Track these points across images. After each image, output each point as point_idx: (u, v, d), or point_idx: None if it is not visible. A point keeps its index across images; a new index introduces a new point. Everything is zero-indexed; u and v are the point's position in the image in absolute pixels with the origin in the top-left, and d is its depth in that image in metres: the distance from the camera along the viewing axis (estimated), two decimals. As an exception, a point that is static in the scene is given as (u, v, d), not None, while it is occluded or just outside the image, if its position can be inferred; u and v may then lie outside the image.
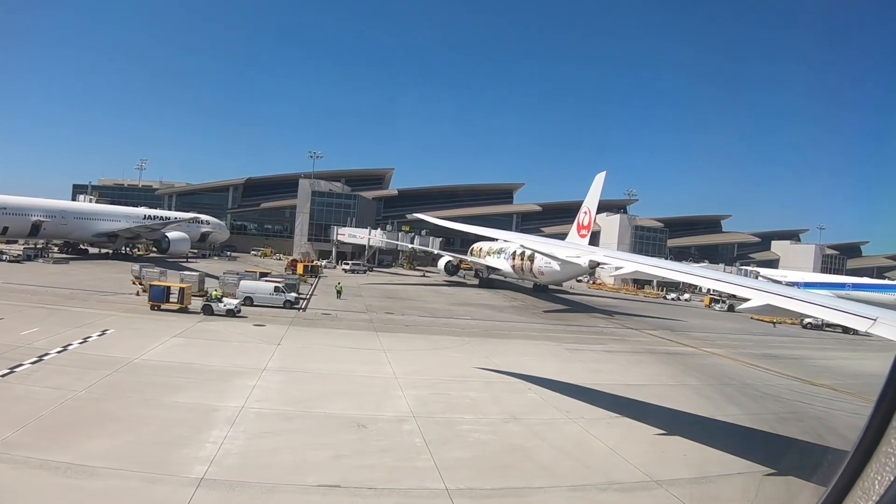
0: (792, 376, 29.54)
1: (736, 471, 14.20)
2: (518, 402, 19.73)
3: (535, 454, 14.82)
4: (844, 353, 44.07)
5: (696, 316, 61.61)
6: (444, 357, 26.97)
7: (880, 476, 2.32)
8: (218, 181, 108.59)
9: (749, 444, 16.67)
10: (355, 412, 16.98)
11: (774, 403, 22.67)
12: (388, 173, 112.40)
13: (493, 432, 16.34)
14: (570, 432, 16.85)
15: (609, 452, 15.16)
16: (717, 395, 22.96)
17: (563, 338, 35.67)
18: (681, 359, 31.78)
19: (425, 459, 13.62)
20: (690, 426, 18.19)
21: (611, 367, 27.43)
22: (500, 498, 12.20)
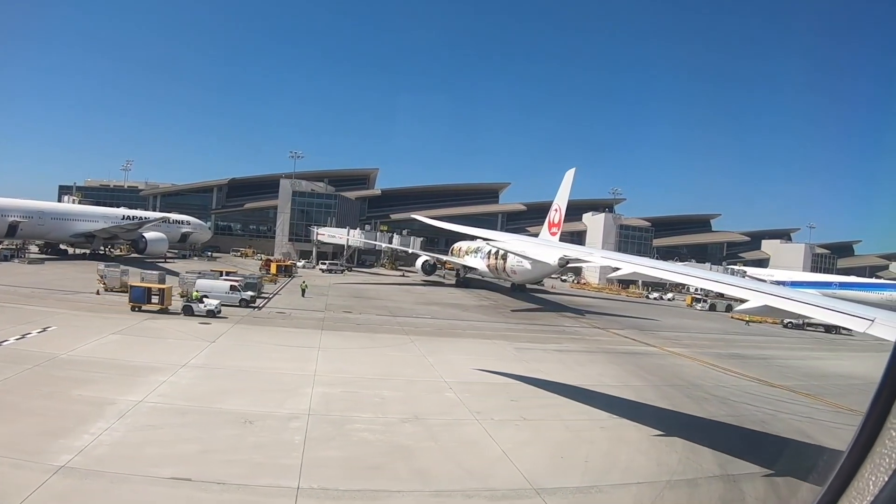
0: (751, 377, 28.24)
1: (638, 480, 13.18)
2: (430, 402, 18.85)
3: (417, 456, 13.97)
4: (819, 353, 43.06)
5: (674, 315, 60.54)
6: (377, 356, 26.05)
7: (875, 476, 2.32)
8: (202, 182, 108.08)
9: (668, 450, 15.51)
10: (252, 408, 16.58)
11: (718, 406, 21.36)
12: (372, 173, 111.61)
13: (385, 432, 15.55)
14: (470, 434, 15.89)
15: (500, 457, 14.12)
16: (658, 397, 21.84)
17: (518, 337, 34.62)
18: (636, 359, 30.69)
19: (294, 457, 13.12)
20: (611, 429, 17.16)
21: (554, 367, 26.25)
22: (349, 500, 11.47)
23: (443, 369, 23.73)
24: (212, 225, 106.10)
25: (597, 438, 16.27)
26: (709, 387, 24.81)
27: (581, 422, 17.83)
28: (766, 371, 30.58)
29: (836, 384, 28.95)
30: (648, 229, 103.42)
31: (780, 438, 17.29)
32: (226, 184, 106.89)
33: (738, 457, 15.07)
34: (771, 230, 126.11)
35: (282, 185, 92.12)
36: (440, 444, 15.01)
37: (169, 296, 33.59)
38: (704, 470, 14.06)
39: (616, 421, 18.03)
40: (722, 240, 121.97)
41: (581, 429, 17.07)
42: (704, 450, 15.48)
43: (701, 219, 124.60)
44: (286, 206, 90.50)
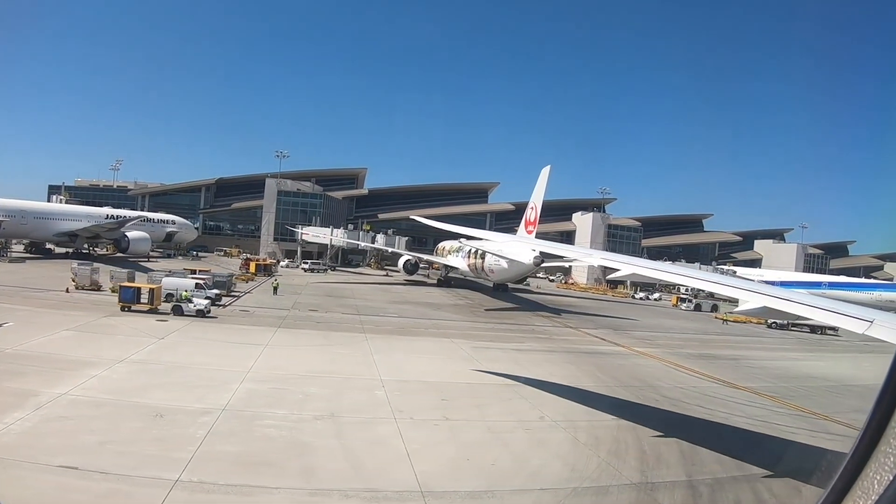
0: (715, 378, 27.18)
1: (542, 486, 12.45)
2: (354, 400, 18.20)
3: (313, 454, 13.47)
4: (797, 354, 42.09)
5: (657, 315, 59.78)
6: (323, 353, 25.41)
7: (879, 475, 2.33)
8: (190, 181, 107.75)
9: (590, 455, 14.66)
10: (169, 403, 16.35)
11: (668, 408, 20.45)
12: (361, 173, 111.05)
13: (292, 429, 15.03)
14: (381, 433, 15.25)
15: (402, 457, 13.42)
16: (605, 398, 21.06)
17: (480, 336, 33.85)
18: (597, 359, 29.86)
19: (188, 451, 12.82)
20: (537, 432, 16.38)
21: (507, 366, 25.45)
22: (222, 494, 11.10)
23: (384, 368, 23.00)
24: (200, 224, 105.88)
25: (517, 441, 15.51)
26: (665, 388, 23.92)
27: (507, 423, 17.04)
28: (733, 372, 29.65)
29: (806, 386, 28.09)
30: (637, 229, 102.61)
31: (725, 443, 16.48)
32: (213, 183, 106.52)
33: (665, 463, 14.31)
34: (764, 230, 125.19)
35: (267, 184, 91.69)
36: (344, 442, 14.48)
37: (158, 296, 33.29)
38: (623, 477, 13.26)
39: (546, 423, 17.20)
40: (714, 240, 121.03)
41: (504, 430, 16.29)
42: (631, 456, 14.70)
43: (693, 219, 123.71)
44: (271, 206, 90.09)
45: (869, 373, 36.02)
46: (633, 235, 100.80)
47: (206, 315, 32.34)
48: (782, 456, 15.59)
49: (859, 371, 36.11)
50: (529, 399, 19.85)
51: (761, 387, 26.18)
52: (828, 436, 18.26)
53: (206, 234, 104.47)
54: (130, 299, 32.58)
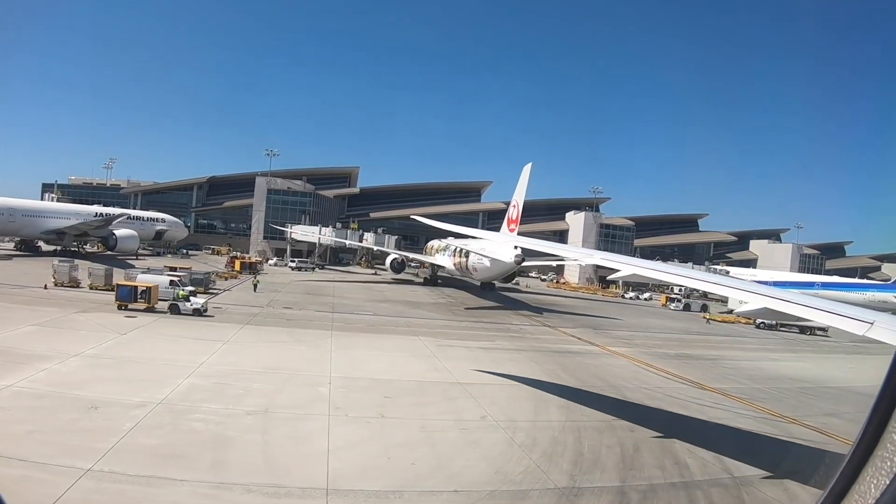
0: (685, 379, 26.40)
1: (457, 488, 11.90)
2: (295, 396, 17.88)
3: (232, 448, 13.29)
4: (780, 354, 40.97)
5: (643, 315, 59.19)
6: (282, 350, 25.05)
7: (876, 479, 2.31)
8: (182, 180, 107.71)
9: (521, 457, 14.05)
10: (109, 396, 16.30)
11: (622, 409, 19.66)
12: (353, 171, 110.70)
13: (220, 423, 14.84)
14: (309, 429, 14.99)
15: (320, 454, 13.11)
16: (558, 399, 20.33)
17: (450, 334, 33.31)
18: (566, 358, 29.12)
19: (109, 442, 12.80)
20: (473, 431, 15.86)
21: (464, 364, 24.92)
22: (128, 485, 11.17)
23: (338, 365, 22.63)
24: (192, 223, 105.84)
25: (448, 441, 14.98)
26: (628, 389, 23.27)
27: (445, 422, 16.55)
28: (706, 372, 28.90)
29: (780, 387, 27.21)
30: (630, 228, 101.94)
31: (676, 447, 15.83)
32: (205, 182, 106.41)
33: (601, 468, 13.73)
34: (760, 230, 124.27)
35: (257, 183, 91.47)
36: (267, 437, 14.21)
37: (155, 295, 33.14)
38: (549, 481, 12.64)
39: (486, 423, 16.62)
40: (709, 240, 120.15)
41: (439, 430, 15.79)
42: (566, 459, 14.09)
43: (688, 218, 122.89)
44: (261, 205, 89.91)
45: (851, 374, 35.27)
46: (625, 235, 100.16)
47: (202, 314, 32.11)
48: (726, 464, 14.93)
49: (841, 373, 35.54)
50: (478, 398, 19.27)
51: (732, 388, 25.42)
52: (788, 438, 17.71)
53: (199, 232, 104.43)
54: (127, 298, 32.41)
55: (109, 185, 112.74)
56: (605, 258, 24.01)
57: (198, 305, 32.41)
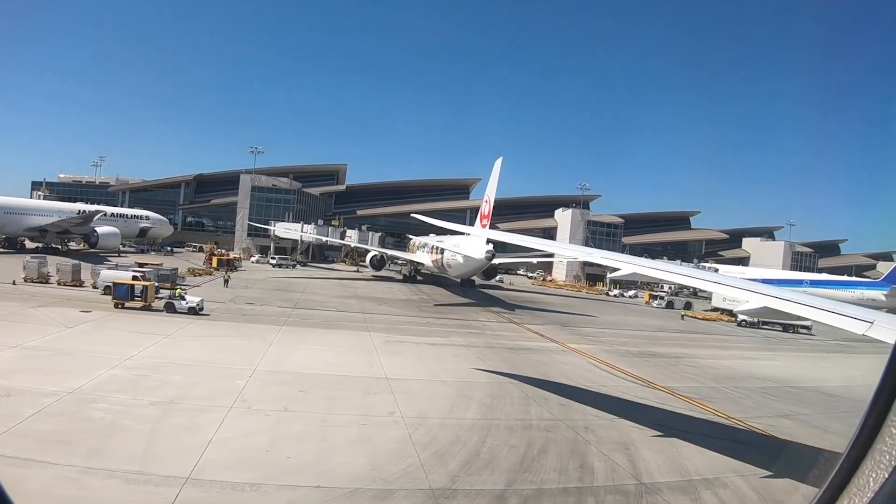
0: (637, 377, 25.38)
1: (319, 484, 11.38)
2: (207, 389, 17.63)
3: (119, 435, 13.35)
4: (754, 353, 39.41)
5: (622, 312, 58.28)
6: (221, 344, 24.95)
7: (875, 473, 2.35)
8: (170, 177, 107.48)
9: (408, 455, 13.44)
10: (27, 385, 16.37)
11: (554, 408, 18.80)
12: (341, 169, 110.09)
13: (119, 413, 14.85)
14: (203, 420, 14.73)
15: (202, 444, 12.86)
16: (482, 396, 19.52)
17: (405, 330, 32.72)
18: (516, 355, 28.16)
19: (3, 427, 12.93)
20: (374, 427, 15.30)
21: (403, 360, 24.38)
22: (2, 466, 11.11)
23: (269, 359, 22.45)
24: (179, 220, 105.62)
25: (340, 436, 14.51)
26: (564, 387, 22.28)
27: (348, 417, 16.02)
28: (663, 371, 27.89)
29: (740, 387, 26.02)
30: (618, 225, 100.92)
31: (590, 450, 14.98)
32: (192, 179, 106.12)
33: (494, 469, 13.02)
34: (753, 228, 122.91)
35: (242, 180, 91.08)
36: (157, 427, 14.17)
37: (151, 293, 32.95)
38: (426, 482, 11.93)
39: (391, 419, 15.97)
40: (700, 237, 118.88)
41: (338, 424, 15.34)
42: (456, 460, 13.35)
43: (680, 216, 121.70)
44: (245, 202, 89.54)
45: (824, 374, 34.31)
46: (613, 232, 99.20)
47: (198, 312, 31.77)
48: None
49: (814, 372, 34.46)
50: (397, 394, 18.61)
51: (685, 387, 24.42)
52: (717, 440, 16.56)
53: (186, 230, 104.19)
54: (124, 296, 32.21)
55: (98, 183, 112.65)
56: (606, 257, 23.60)
57: (193, 304, 32.13)
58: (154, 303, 32.75)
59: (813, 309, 12.85)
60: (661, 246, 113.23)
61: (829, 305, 12.90)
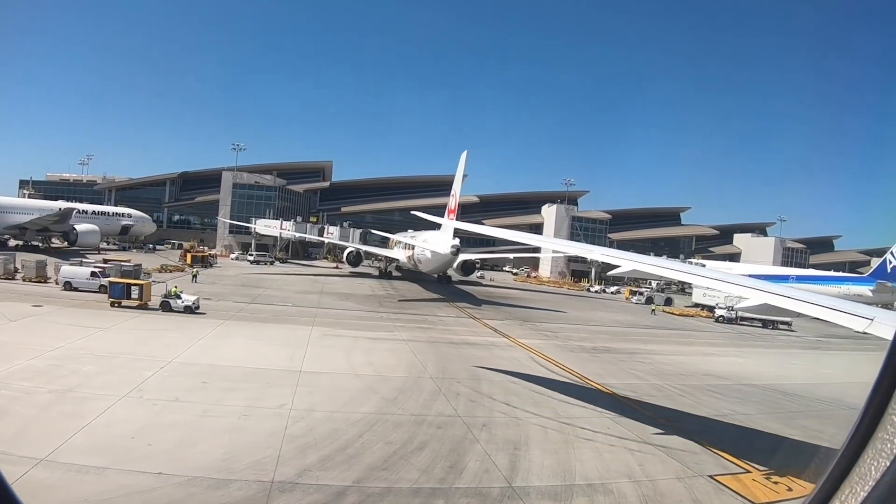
0: (577, 374, 24.55)
1: (161, 471, 11.12)
2: (113, 379, 17.69)
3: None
4: (719, 349, 38.09)
5: (594, 308, 57.55)
6: (149, 336, 24.93)
7: (876, 461, 2.37)
8: (155, 175, 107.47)
9: (258, 447, 13.08)
10: None
11: (462, 404, 18.10)
12: (326, 166, 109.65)
13: (13, 398, 15.18)
14: (89, 409, 14.64)
15: (70, 431, 12.96)
16: (389, 390, 18.91)
17: (350, 325, 32.29)
18: (455, 349, 27.60)
19: None
20: (253, 418, 15.04)
21: (329, 354, 24.01)
22: None
23: (191, 352, 22.35)
24: (164, 218, 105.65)
25: (214, 426, 14.22)
26: (494, 382, 21.59)
27: (234, 408, 15.88)
28: (608, 367, 26.98)
29: (685, 384, 24.96)
30: (604, 221, 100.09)
31: (475, 449, 14.25)
32: (178, 177, 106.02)
33: (357, 464, 12.51)
34: (744, 224, 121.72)
35: (224, 177, 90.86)
36: (43, 412, 14.42)
37: (148, 292, 32.95)
38: (272, 473, 11.55)
39: (279, 412, 15.64)
40: (690, 233, 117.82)
41: (218, 415, 15.28)
42: (318, 454, 12.90)
43: (670, 212, 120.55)
44: (227, 199, 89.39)
45: (788, 371, 32.92)
46: (599, 228, 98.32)
47: (194, 311, 31.69)
48: None
49: (777, 369, 33.32)
50: (300, 387, 18.22)
51: (623, 384, 23.59)
52: (625, 441, 15.60)
53: (172, 227, 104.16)
54: (120, 296, 32.28)
55: (86, 182, 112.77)
56: (606, 254, 23.06)
57: (189, 303, 32.08)
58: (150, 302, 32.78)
59: (813, 306, 12.86)
60: (649, 242, 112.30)
61: (829, 302, 12.92)
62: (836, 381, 29.36)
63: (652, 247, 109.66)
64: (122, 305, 31.80)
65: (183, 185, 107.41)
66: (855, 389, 26.54)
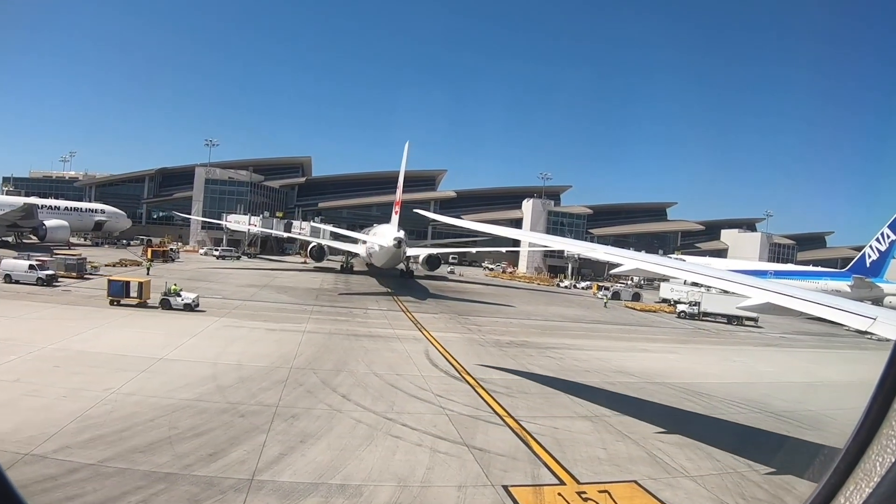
0: (461, 367, 23.47)
1: None
2: None
3: None
4: (654, 345, 36.03)
5: (550, 303, 55.88)
6: (49, 325, 24.88)
7: (882, 458, 2.37)
8: (134, 172, 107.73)
9: (60, 425, 13.10)
10: None
11: (272, 394, 17.01)
12: (306, 161, 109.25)
13: None
14: None
15: None
16: (234, 379, 18.39)
17: (265, 316, 32.02)
18: (352, 341, 26.79)
19: None
20: (67, 400, 14.88)
21: (207, 343, 23.90)
22: None
23: (70, 339, 22.30)
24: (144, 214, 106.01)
25: (27, 405, 14.48)
26: (361, 375, 20.72)
27: (63, 390, 15.89)
28: (506, 362, 25.56)
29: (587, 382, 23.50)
30: (581, 216, 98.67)
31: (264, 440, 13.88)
32: (156, 173, 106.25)
33: (140, 447, 12.16)
34: (733, 219, 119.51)
35: (196, 173, 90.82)
36: None
37: (147, 290, 32.91)
38: (39, 448, 11.34)
39: (101, 395, 15.58)
40: (675, 229, 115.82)
41: (41, 395, 15.30)
42: (81, 436, 12.58)
43: (656, 207, 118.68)
44: (200, 195, 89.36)
45: (717, 369, 30.38)
46: (576, 222, 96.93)
47: (193, 309, 31.64)
48: None
49: (707, 367, 30.78)
50: (145, 373, 18.32)
51: (508, 380, 22.17)
52: (440, 442, 14.27)
53: (152, 223, 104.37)
54: (119, 293, 32.21)
55: (68, 178, 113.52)
56: (609, 252, 22.67)
57: (188, 301, 31.97)
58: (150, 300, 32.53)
59: (816, 305, 12.87)
60: (633, 237, 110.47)
61: (832, 302, 12.90)
62: (765, 381, 28.03)
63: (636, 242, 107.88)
64: (120, 304, 31.59)
65: (163, 182, 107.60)
66: (785, 389, 25.62)
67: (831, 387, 27.68)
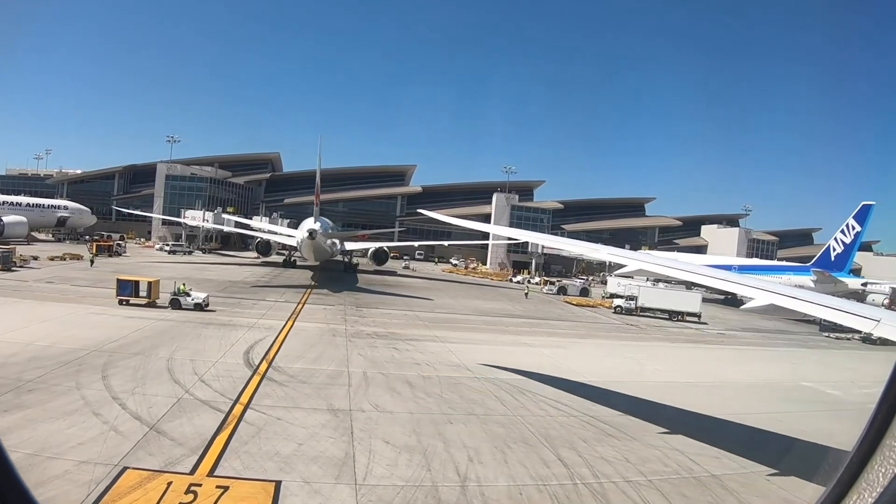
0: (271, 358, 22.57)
1: None
2: None
3: None
4: (549, 339, 33.75)
5: (482, 297, 54.19)
6: None
7: (884, 468, 2.36)
8: (104, 169, 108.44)
9: None
10: None
11: (35, 371, 17.01)
12: (275, 157, 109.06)
13: None
14: None
15: None
16: (54, 354, 18.46)
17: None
18: (202, 328, 26.46)
19: None
20: None
21: (58, 327, 23.99)
22: None
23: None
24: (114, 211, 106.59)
25: None
26: (176, 361, 20.28)
27: None
28: (352, 354, 24.43)
29: (408, 374, 21.73)
30: (546, 211, 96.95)
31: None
32: (125, 170, 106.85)
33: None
34: (714, 215, 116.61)
35: (158, 169, 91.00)
36: None
37: (156, 290, 33.08)
38: None
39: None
40: (653, 224, 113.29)
41: None
42: None
43: (634, 202, 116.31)
44: (160, 191, 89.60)
45: (596, 366, 27.27)
46: (542, 218, 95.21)
47: (203, 308, 31.66)
48: None
49: (583, 364, 27.28)
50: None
51: (336, 371, 21.21)
52: None
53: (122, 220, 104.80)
54: (129, 293, 32.27)
55: (43, 176, 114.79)
56: (613, 253, 22.71)
57: (199, 300, 31.99)
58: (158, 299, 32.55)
59: (820, 307, 12.86)
60: (607, 233, 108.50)
61: (836, 303, 12.78)
62: (631, 380, 24.52)
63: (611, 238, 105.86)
64: (129, 303, 31.50)
65: (133, 178, 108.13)
66: (646, 390, 22.04)
67: (718, 388, 24.78)
